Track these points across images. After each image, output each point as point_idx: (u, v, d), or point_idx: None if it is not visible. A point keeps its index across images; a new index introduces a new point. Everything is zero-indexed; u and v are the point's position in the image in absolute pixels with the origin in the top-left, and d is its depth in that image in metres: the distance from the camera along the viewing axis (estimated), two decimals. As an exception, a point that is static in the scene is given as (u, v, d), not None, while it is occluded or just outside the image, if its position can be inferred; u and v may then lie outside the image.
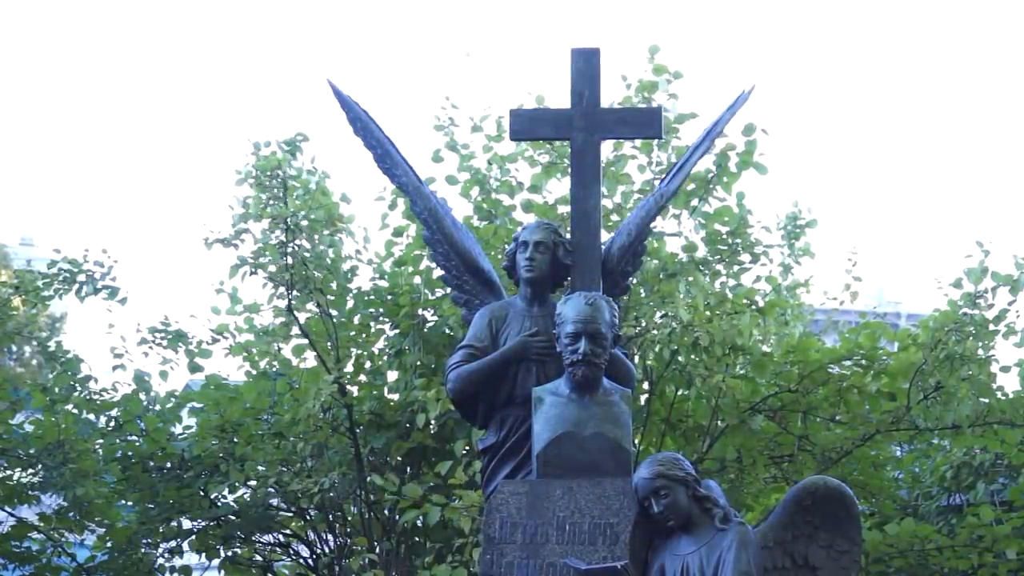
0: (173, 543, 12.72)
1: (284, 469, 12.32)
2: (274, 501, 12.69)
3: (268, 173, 12.25)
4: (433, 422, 11.88)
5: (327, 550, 12.86)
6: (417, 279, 12.36)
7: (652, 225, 9.03)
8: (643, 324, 11.76)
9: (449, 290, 8.88)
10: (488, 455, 8.24)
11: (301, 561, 13.22)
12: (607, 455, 7.77)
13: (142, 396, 12.80)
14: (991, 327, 12.09)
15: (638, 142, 12.23)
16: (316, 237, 12.42)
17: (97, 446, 12.61)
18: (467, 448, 11.69)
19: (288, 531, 13.18)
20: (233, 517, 12.64)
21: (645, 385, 12.30)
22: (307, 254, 12.27)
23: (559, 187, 12.56)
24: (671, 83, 12.37)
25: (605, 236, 9.09)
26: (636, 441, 11.74)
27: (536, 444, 7.85)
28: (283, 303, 12.40)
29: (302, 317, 12.52)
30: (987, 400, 12.06)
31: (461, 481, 11.36)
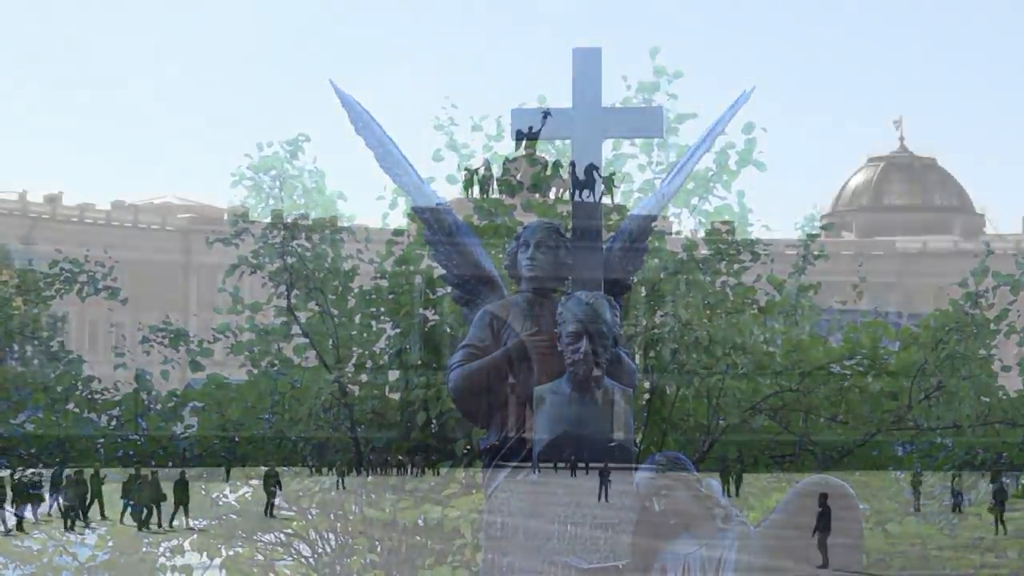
0: (174, 542, 12.71)
1: (285, 469, 12.32)
2: (276, 501, 12.69)
3: (266, 173, 12.28)
4: (434, 421, 11.87)
5: (328, 549, 12.84)
6: (418, 278, 12.35)
7: (653, 224, 9.02)
8: (643, 323, 11.75)
9: (450, 289, 8.86)
10: (489, 454, 8.22)
11: (303, 560, 13.20)
12: (608, 454, 7.75)
13: (143, 395, 12.78)
14: (992, 327, 12.08)
15: (637, 141, 12.24)
16: (316, 237, 12.43)
17: (99, 445, 12.60)
18: (467, 448, 11.67)
19: (289, 530, 13.16)
20: (234, 517, 12.63)
21: (646, 384, 12.28)
22: (307, 253, 12.27)
23: (558, 187, 12.53)
24: (671, 83, 12.38)
25: (605, 236, 9.07)
26: (637, 440, 11.72)
27: (537, 443, 7.84)
28: (283, 302, 12.39)
29: (303, 317, 12.51)
30: (988, 399, 12.05)
31: (455, 489, 11.33)
